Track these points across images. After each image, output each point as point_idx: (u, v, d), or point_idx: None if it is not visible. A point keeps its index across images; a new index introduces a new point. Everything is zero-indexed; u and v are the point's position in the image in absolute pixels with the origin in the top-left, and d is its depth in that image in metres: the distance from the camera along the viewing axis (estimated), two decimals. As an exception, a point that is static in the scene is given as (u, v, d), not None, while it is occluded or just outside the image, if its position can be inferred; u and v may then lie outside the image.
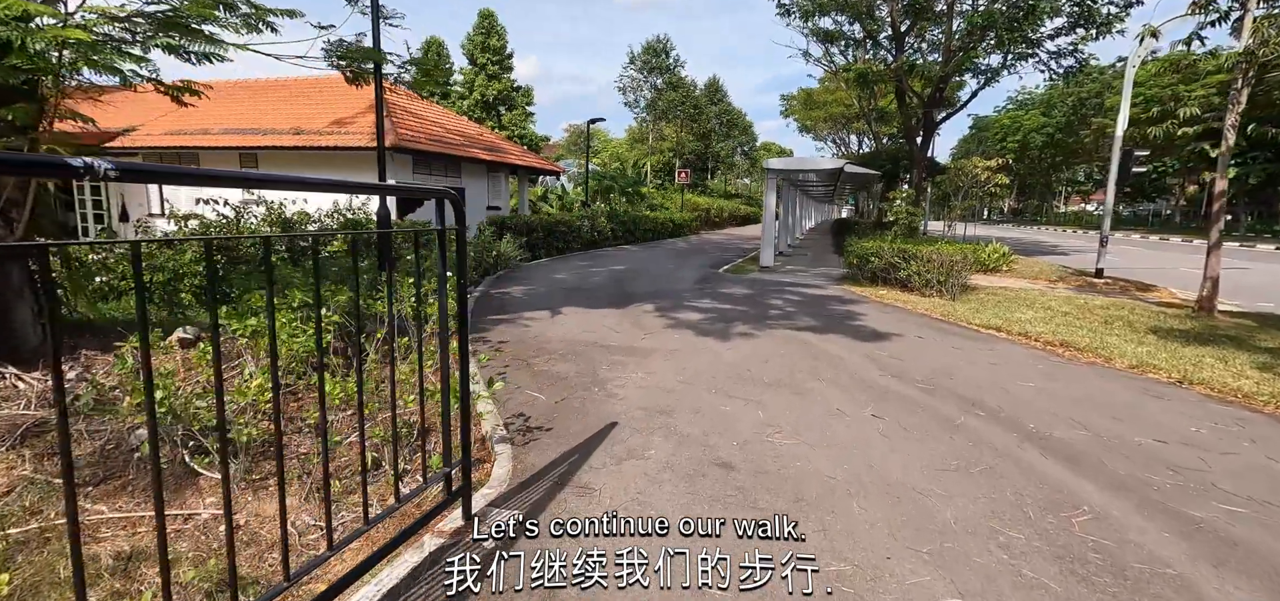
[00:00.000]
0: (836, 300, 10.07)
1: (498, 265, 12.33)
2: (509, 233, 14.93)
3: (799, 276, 13.24)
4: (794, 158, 16.05)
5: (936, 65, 21.64)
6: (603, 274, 12.61)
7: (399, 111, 16.83)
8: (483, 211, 19.73)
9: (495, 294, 9.69)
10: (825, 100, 48.44)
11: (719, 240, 27.07)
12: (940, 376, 5.65)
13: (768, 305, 9.34)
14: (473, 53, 40.62)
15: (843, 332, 7.40)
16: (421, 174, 16.75)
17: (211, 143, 16.18)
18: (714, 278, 12.82)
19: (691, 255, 18.57)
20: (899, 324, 8.08)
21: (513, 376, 5.33)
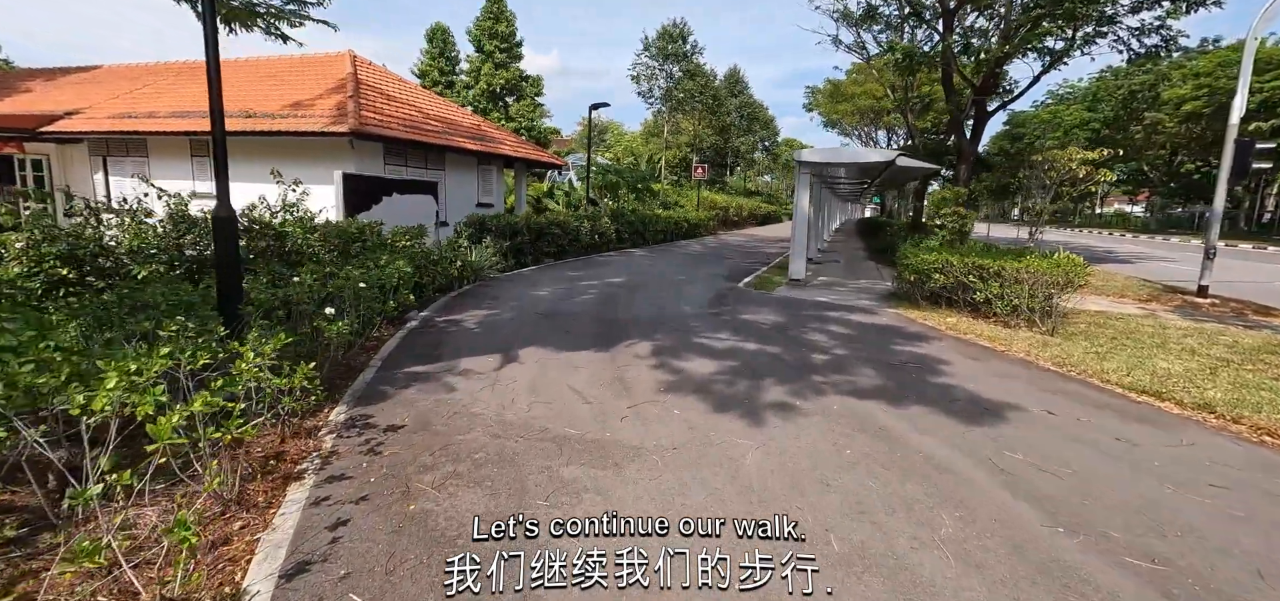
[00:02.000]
0: (898, 334, 7.52)
1: (463, 278, 9.97)
2: (490, 235, 12.61)
3: (838, 293, 10.71)
4: (833, 149, 13.45)
5: (990, 46, 18.78)
6: (594, 290, 10.20)
7: (370, 93, 14.61)
8: (470, 208, 17.46)
9: (440, 323, 7.30)
10: (853, 92, 45.43)
11: (738, 242, 24.50)
12: (1144, 528, 3.14)
13: (809, 344, 6.84)
14: (479, 39, 38.43)
15: (929, 403, 4.89)
16: (395, 165, 14.51)
17: (159, 127, 14.11)
18: (733, 295, 10.32)
19: (706, 262, 16.06)
20: (1004, 382, 5.54)
21: (358, 529, 2.94)
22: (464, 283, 10.05)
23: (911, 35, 22.56)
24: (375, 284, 5.77)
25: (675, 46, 38.91)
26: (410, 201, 11.59)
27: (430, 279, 8.56)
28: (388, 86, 15.96)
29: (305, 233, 7.39)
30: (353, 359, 5.48)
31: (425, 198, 12.07)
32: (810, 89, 48.94)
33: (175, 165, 14.78)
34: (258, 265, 6.27)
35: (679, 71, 39.33)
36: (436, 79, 39.13)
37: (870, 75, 42.45)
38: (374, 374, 5.12)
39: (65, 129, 14.99)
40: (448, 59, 39.77)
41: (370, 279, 5.70)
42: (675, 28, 38.92)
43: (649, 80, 39.79)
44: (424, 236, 9.46)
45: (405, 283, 6.76)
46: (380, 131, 12.74)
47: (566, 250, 15.12)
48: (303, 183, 9.24)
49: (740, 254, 19.35)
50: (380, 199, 10.80)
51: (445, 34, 39.74)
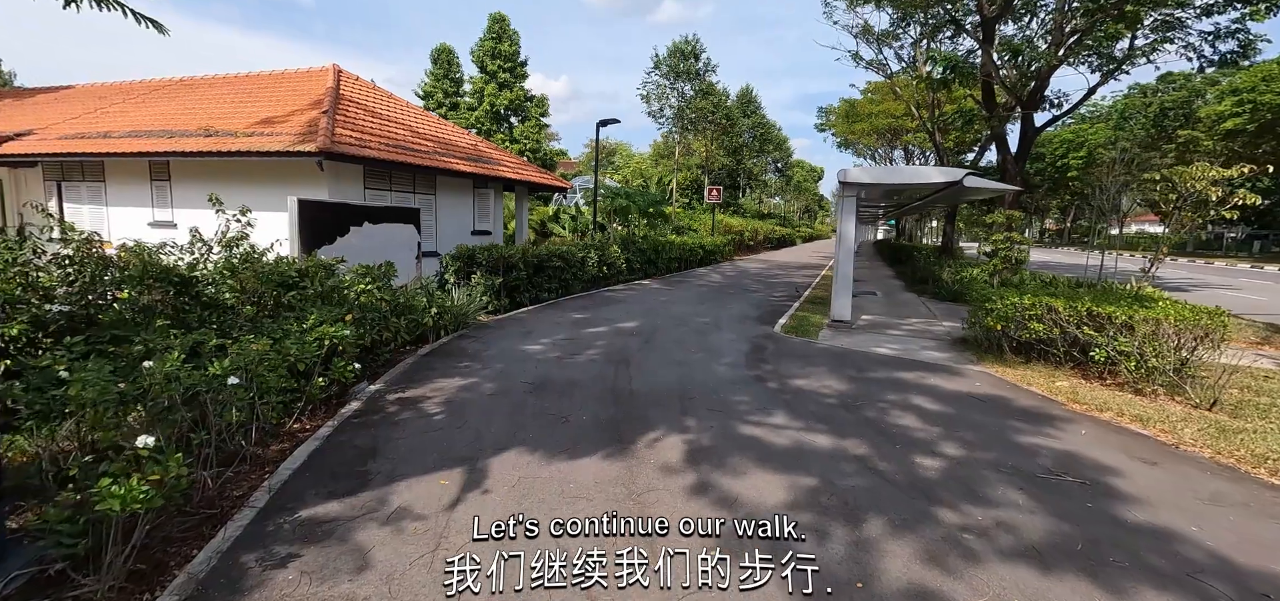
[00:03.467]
0: (1013, 413, 5.56)
1: (441, 328, 8.13)
2: (480, 270, 10.80)
3: (896, 340, 8.77)
4: (889, 168, 11.57)
5: (1040, 53, 16.95)
6: (601, 341, 8.32)
7: (352, 109, 12.99)
8: (465, 236, 15.73)
9: (391, 404, 5.38)
10: (870, 111, 43.69)
11: (757, 269, 22.62)
12: None
13: (901, 435, 4.90)
14: (483, 59, 37.19)
15: (1162, 585, 2.95)
16: (377, 189, 12.82)
17: (114, 148, 12.53)
18: (773, 346, 8.40)
19: (729, 297, 14.16)
20: (1215, 513, 3.58)
21: None
22: (442, 333, 8.20)
23: (955, 40, 20.85)
24: (279, 366, 3.92)
25: (687, 64, 37.34)
26: (386, 232, 9.82)
27: (392, 335, 6.70)
28: (373, 103, 14.36)
29: (221, 276, 5.61)
30: (227, 488, 3.60)
31: (404, 227, 10.30)
32: (824, 109, 47.30)
33: (133, 190, 13.19)
34: (133, 329, 4.44)
35: (691, 90, 37.69)
36: (440, 100, 37.91)
37: (888, 94, 40.88)
38: (244, 527, 3.15)
39: (13, 151, 13.46)
40: (452, 80, 38.58)
41: (271, 360, 3.85)
42: (687, 45, 37.41)
43: (659, 99, 38.22)
44: (393, 276, 7.66)
45: (344, 352, 4.92)
46: (357, 151, 11.06)
47: (570, 285, 13.27)
48: (252, 210, 7.51)
49: (763, 284, 17.45)
50: (347, 229, 9.03)
51: (450, 55, 38.61)
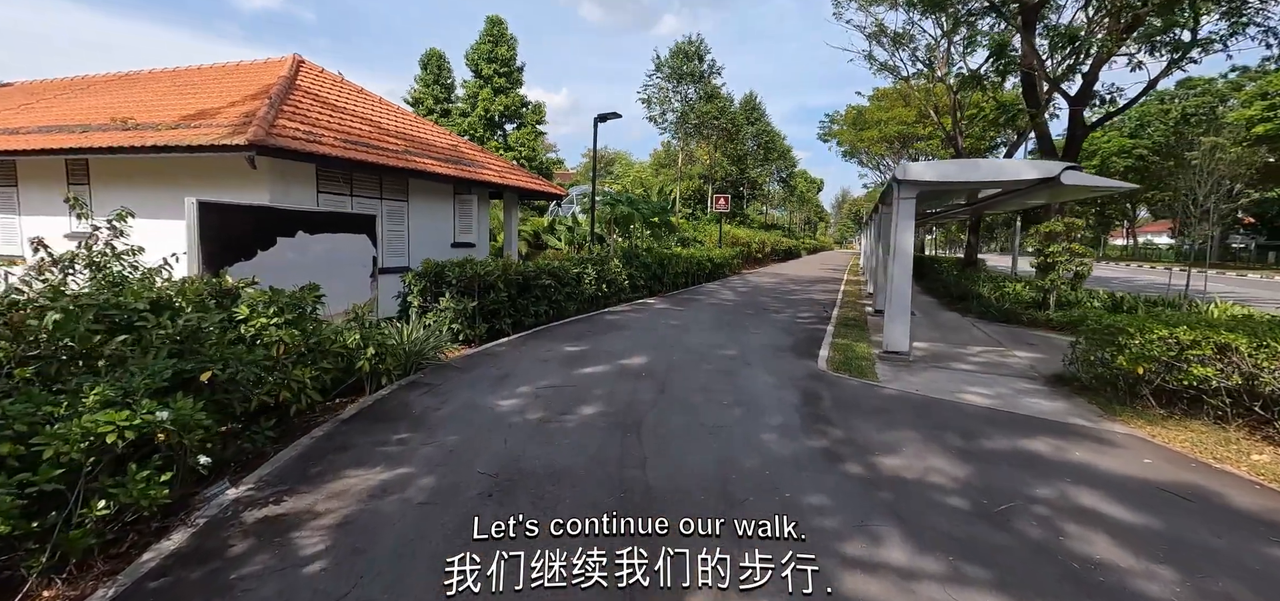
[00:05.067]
0: (1233, 517, 3.54)
1: (382, 373, 6.09)
2: (450, 289, 8.80)
3: (976, 378, 6.76)
4: (961, 162, 9.56)
5: (1092, 40, 15.08)
6: (600, 391, 6.28)
7: (305, 101, 11.03)
8: (445, 249, 13.75)
9: (239, 540, 3.25)
10: (880, 118, 41.92)
11: (770, 284, 20.65)
12: None
13: (1103, 589, 2.91)
14: (477, 63, 35.41)
15: None
16: (335, 193, 10.83)
17: (23, 145, 10.57)
18: (825, 390, 6.39)
19: (749, 319, 12.15)
20: None
21: None
22: (384, 380, 6.17)
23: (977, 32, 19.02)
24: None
25: (691, 66, 35.41)
26: (329, 244, 7.84)
27: (293, 393, 4.64)
28: (334, 95, 12.42)
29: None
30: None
31: (354, 238, 8.31)
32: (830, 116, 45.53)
33: (49, 195, 11.20)
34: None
35: (695, 94, 35.73)
36: (431, 107, 36.09)
37: (898, 101, 39.28)
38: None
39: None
40: (443, 86, 36.78)
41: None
42: (691, 45, 35.48)
43: (661, 103, 36.27)
44: (316, 305, 5.66)
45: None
46: (304, 146, 9.10)
47: (563, 307, 11.24)
48: (134, 214, 5.55)
49: (782, 301, 15.47)
50: (273, 241, 7.04)
51: (440, 59, 36.85)
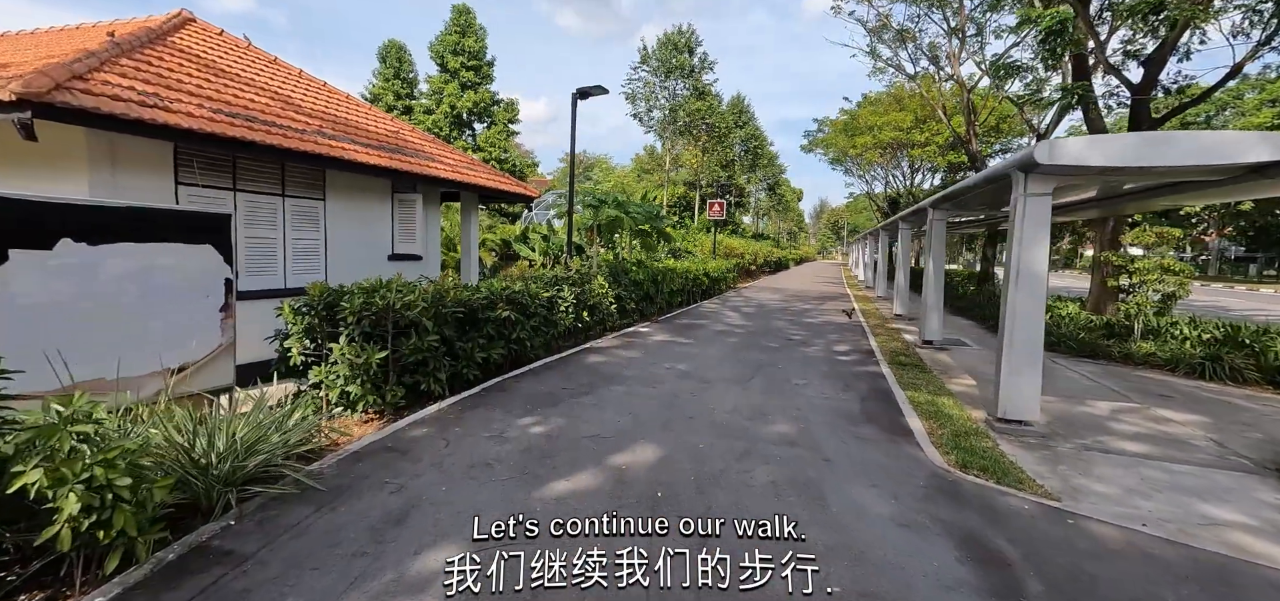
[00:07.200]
0: None
1: (103, 548, 3.03)
2: (347, 330, 5.72)
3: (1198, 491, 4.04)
4: (1134, 137, 6.82)
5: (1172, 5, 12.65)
6: (578, 551, 3.29)
7: (171, 58, 7.89)
8: (380, 263, 10.62)
9: None
10: (873, 124, 39.85)
11: (774, 302, 17.94)
12: None
13: None
14: (443, 56, 32.25)
15: None
16: (205, 186, 7.65)
17: None
18: (976, 520, 3.56)
19: (780, 358, 9.28)
20: None
21: None
22: (125, 555, 3.11)
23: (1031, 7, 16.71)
24: None
25: (681, 60, 32.58)
26: (137, 261, 4.75)
27: None
28: (227, 61, 9.26)
29: None
30: None
31: (193, 250, 5.21)
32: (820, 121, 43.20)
33: None
34: None
35: (684, 90, 32.88)
36: (391, 103, 32.78)
37: (891, 106, 37.49)
38: None
39: None
40: (404, 80, 33.52)
41: None
42: (681, 36, 32.61)
43: (647, 99, 33.31)
44: None
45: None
46: (142, 113, 5.91)
47: (527, 346, 8.21)
48: None
49: (801, 327, 12.69)
50: (5, 255, 3.94)
51: (401, 51, 33.59)
